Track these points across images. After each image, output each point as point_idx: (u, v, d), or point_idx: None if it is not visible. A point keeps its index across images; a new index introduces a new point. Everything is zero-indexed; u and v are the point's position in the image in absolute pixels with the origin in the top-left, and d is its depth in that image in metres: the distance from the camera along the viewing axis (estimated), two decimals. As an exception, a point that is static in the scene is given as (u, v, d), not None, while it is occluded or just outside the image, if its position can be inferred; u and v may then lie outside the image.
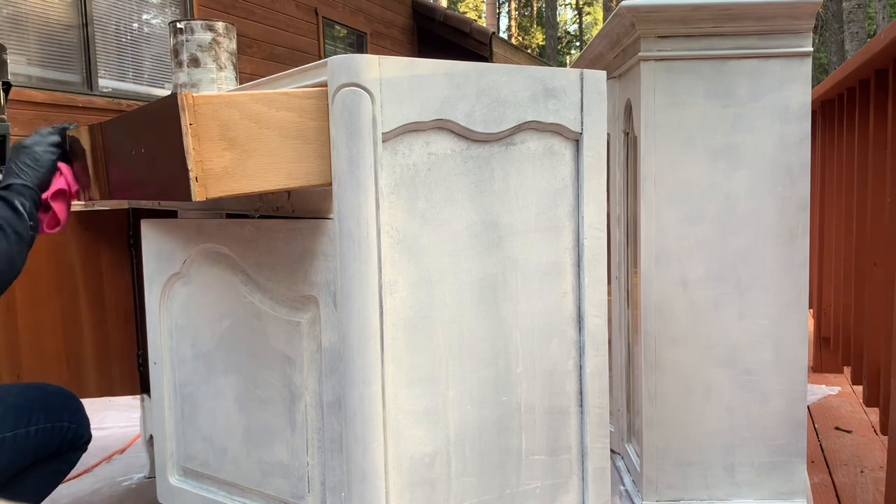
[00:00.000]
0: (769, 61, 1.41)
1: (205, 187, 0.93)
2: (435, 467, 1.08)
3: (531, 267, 1.15)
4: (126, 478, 1.84)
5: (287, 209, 1.16)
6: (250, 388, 1.20)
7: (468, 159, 1.08)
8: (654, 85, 1.43)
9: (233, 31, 1.47)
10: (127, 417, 2.27)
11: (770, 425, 1.49)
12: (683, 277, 1.47)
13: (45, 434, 1.25)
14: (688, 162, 1.45)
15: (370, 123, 0.97)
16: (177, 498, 1.37)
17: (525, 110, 1.11)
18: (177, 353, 1.33)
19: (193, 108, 0.91)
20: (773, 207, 1.44)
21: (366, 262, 0.99)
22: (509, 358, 1.14)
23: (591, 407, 1.21)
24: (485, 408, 1.13)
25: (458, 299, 1.09)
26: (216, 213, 1.32)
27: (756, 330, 1.47)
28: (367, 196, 0.98)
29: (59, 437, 1.27)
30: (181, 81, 1.42)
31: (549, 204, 1.16)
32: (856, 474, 1.76)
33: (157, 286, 1.34)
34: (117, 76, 5.08)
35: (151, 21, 5.45)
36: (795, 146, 1.43)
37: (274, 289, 1.14)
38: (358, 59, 0.97)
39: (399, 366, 1.04)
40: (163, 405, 1.37)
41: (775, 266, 1.45)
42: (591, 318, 1.20)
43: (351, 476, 1.03)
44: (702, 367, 1.49)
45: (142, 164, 1.05)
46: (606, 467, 1.24)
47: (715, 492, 1.51)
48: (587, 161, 1.17)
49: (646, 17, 1.39)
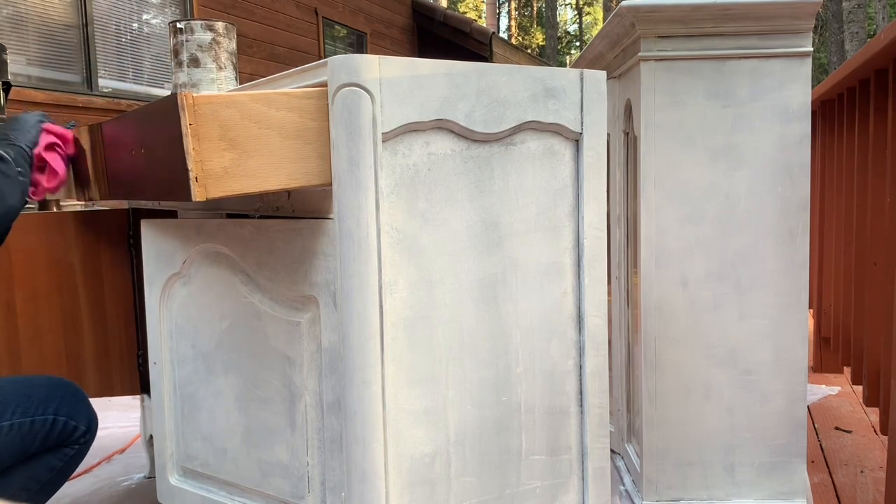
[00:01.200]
0: (769, 61, 1.41)
1: (205, 187, 0.93)
2: (435, 467, 1.08)
3: (531, 267, 1.15)
4: (126, 478, 1.84)
5: (287, 209, 1.16)
6: (250, 388, 1.20)
7: (468, 159, 1.08)
8: (654, 85, 1.43)
9: (233, 31, 1.47)
10: (127, 417, 2.27)
11: (770, 425, 1.49)
12: (683, 277, 1.47)
13: (23, 429, 1.18)
14: (688, 162, 1.45)
15: (370, 123, 0.97)
16: (177, 498, 1.37)
17: (525, 110, 1.11)
18: (177, 353, 1.33)
19: (193, 108, 0.91)
20: (773, 207, 1.44)
21: (366, 262, 0.99)
22: (509, 358, 1.14)
23: (591, 407, 1.21)
24: (485, 408, 1.13)
25: (458, 299, 1.09)
26: (216, 213, 1.32)
27: (756, 330, 1.47)
28: (367, 196, 0.98)
29: (44, 432, 1.21)
30: (181, 81, 1.42)
31: (549, 204, 1.16)
32: (856, 474, 1.76)
33: (157, 286, 1.34)
34: (117, 76, 5.08)
35: (151, 21, 5.45)
36: (795, 146, 1.43)
37: (274, 289, 1.14)
38: (358, 59, 0.97)
39: (399, 366, 1.04)
40: (163, 405, 1.37)
41: (775, 266, 1.45)
42: (591, 318, 1.20)
43: (351, 476, 1.03)
44: (702, 367, 1.49)
45: (142, 164, 1.05)
46: (606, 467, 1.24)
47: (715, 492, 1.51)
48: (587, 161, 1.17)
49: (646, 17, 1.39)
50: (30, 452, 1.21)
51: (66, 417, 1.23)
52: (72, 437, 1.25)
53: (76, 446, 1.27)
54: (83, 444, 1.28)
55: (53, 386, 1.26)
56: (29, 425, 1.19)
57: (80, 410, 1.26)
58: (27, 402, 1.20)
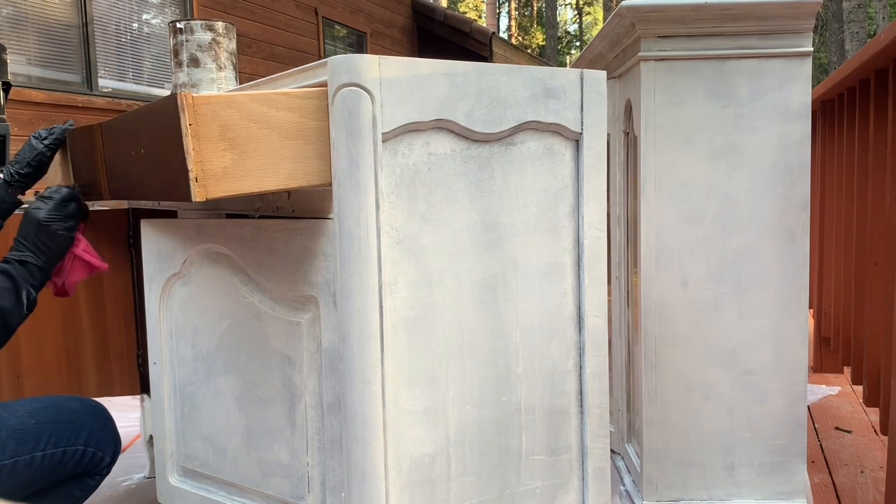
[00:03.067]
0: (769, 61, 1.41)
1: (205, 187, 0.93)
2: (435, 467, 1.08)
3: (531, 267, 1.15)
4: (126, 478, 1.84)
5: (287, 209, 1.16)
6: (250, 388, 1.20)
7: (468, 159, 1.08)
8: (654, 85, 1.43)
9: (233, 31, 1.47)
10: (127, 417, 2.26)
11: (770, 425, 1.49)
12: (683, 277, 1.47)
13: (55, 460, 1.17)
14: (688, 162, 1.45)
15: (370, 123, 0.97)
16: (177, 498, 1.37)
17: (525, 110, 1.11)
18: (177, 353, 1.33)
19: (193, 109, 0.91)
20: (773, 207, 1.44)
21: (366, 262, 0.99)
22: (509, 358, 1.14)
23: (591, 407, 1.21)
24: (485, 408, 1.13)
25: (459, 299, 1.09)
26: (216, 213, 1.32)
27: (756, 330, 1.47)
28: (367, 196, 0.98)
29: (73, 463, 1.20)
30: (181, 81, 1.42)
31: (549, 204, 1.16)
32: (856, 474, 1.76)
33: (157, 286, 1.34)
34: (117, 76, 5.08)
35: (151, 21, 5.45)
36: (795, 146, 1.43)
37: (274, 289, 1.14)
38: (358, 59, 0.97)
39: (399, 366, 1.04)
40: (163, 405, 1.37)
41: (775, 266, 1.45)
42: (591, 318, 1.20)
43: (351, 476, 1.03)
44: (702, 367, 1.49)
45: (142, 164, 1.05)
46: (606, 467, 1.24)
47: (715, 492, 1.51)
48: (587, 161, 1.17)
49: (646, 17, 1.39)
50: (56, 482, 1.21)
51: (95, 448, 1.23)
52: (97, 467, 1.25)
53: (98, 477, 1.27)
54: (105, 474, 1.28)
55: (86, 413, 1.24)
56: (60, 455, 1.18)
57: (108, 440, 1.25)
58: (60, 432, 1.19)
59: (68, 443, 1.19)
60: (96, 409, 1.27)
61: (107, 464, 1.26)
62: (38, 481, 1.18)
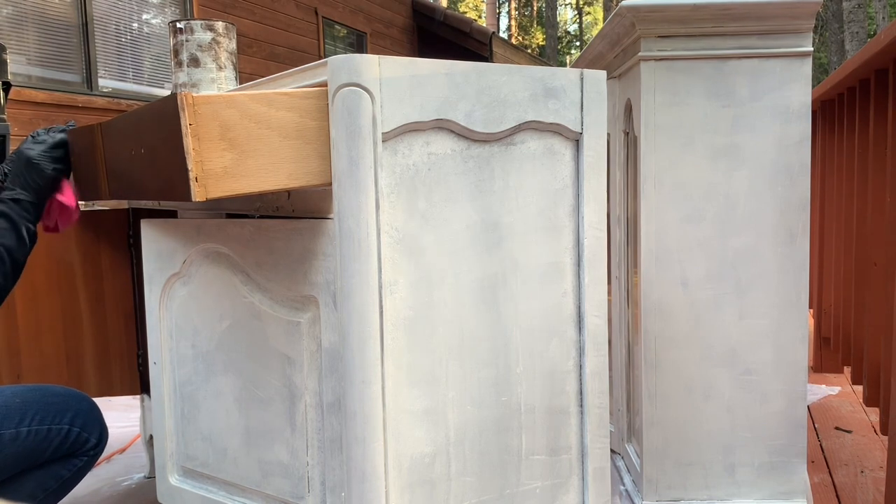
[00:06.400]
0: (769, 61, 1.41)
1: (205, 187, 0.93)
2: (435, 467, 1.08)
3: (531, 267, 1.15)
4: (126, 478, 1.84)
5: (287, 209, 1.16)
6: (250, 388, 1.20)
7: (468, 159, 1.08)
8: (654, 85, 1.43)
9: (233, 31, 1.47)
10: (127, 417, 2.26)
11: (770, 425, 1.49)
12: (683, 277, 1.47)
13: (39, 436, 1.20)
14: (688, 162, 1.45)
15: (370, 123, 0.97)
16: (177, 498, 1.37)
17: (525, 110, 1.11)
18: (177, 353, 1.33)
19: (193, 108, 0.91)
20: (773, 207, 1.44)
21: (366, 262, 0.99)
22: (509, 358, 1.14)
23: (591, 407, 1.21)
24: (485, 408, 1.13)
25: (458, 299, 1.09)
26: (216, 213, 1.32)
27: (756, 330, 1.47)
28: (366, 196, 0.98)
29: (59, 440, 1.23)
30: (181, 81, 1.43)
31: (549, 204, 1.16)
32: (856, 474, 1.76)
33: (157, 286, 1.34)
34: (117, 76, 5.08)
35: (151, 21, 5.45)
36: (795, 146, 1.43)
37: (274, 289, 1.14)
38: (358, 59, 0.97)
39: (399, 366, 1.04)
40: (163, 405, 1.37)
41: (775, 266, 1.45)
42: (591, 318, 1.20)
43: (351, 476, 1.03)
44: (702, 367, 1.49)
45: (142, 164, 1.05)
46: (606, 467, 1.24)
47: (715, 492, 1.51)
48: (587, 161, 1.17)
49: (646, 16, 1.39)
50: (41, 460, 1.24)
51: (80, 429, 1.26)
52: (83, 448, 1.28)
53: (85, 458, 1.29)
54: (92, 456, 1.31)
55: (71, 397, 1.28)
56: (45, 433, 1.22)
57: (94, 423, 1.29)
58: (45, 411, 1.23)
59: (53, 421, 1.22)
60: (82, 395, 1.30)
61: (93, 445, 1.28)
62: (23, 459, 1.21)
